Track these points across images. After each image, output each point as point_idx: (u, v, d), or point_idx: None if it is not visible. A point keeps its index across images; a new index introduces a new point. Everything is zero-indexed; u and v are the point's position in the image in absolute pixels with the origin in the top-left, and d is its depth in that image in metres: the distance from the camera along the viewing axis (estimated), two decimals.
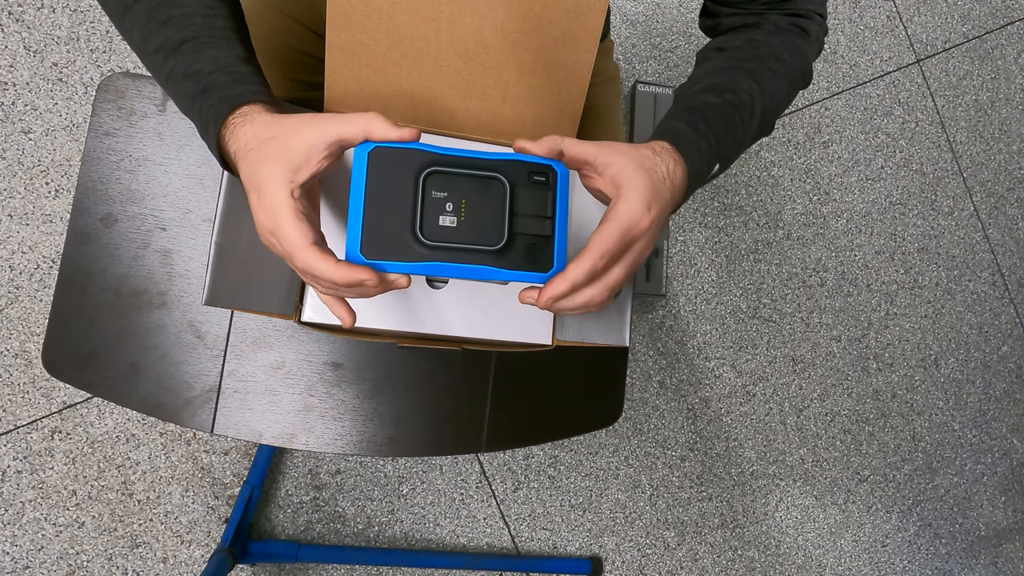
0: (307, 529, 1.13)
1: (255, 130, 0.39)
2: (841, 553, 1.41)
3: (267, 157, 0.38)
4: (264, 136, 0.39)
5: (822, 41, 0.56)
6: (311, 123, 0.38)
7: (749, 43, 0.51)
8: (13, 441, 1.05)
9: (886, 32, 1.55)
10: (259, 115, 0.40)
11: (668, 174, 0.42)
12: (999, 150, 1.61)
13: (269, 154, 0.38)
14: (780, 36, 0.52)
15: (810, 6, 0.53)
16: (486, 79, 0.52)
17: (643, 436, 1.32)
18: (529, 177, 0.38)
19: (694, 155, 0.45)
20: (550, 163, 0.38)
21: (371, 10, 0.48)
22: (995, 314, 1.57)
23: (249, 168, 0.39)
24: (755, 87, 0.49)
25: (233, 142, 0.40)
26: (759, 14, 0.53)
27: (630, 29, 1.40)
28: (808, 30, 0.53)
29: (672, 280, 1.37)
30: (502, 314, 0.52)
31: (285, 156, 0.38)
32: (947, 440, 1.51)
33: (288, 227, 0.37)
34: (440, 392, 0.58)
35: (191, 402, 0.54)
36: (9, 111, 1.10)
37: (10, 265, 1.07)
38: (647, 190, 0.39)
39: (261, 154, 0.38)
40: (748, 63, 0.50)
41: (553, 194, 0.38)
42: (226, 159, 0.43)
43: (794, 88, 0.53)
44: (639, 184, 0.39)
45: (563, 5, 0.49)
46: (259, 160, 0.38)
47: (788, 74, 0.52)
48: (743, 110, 0.48)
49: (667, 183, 0.42)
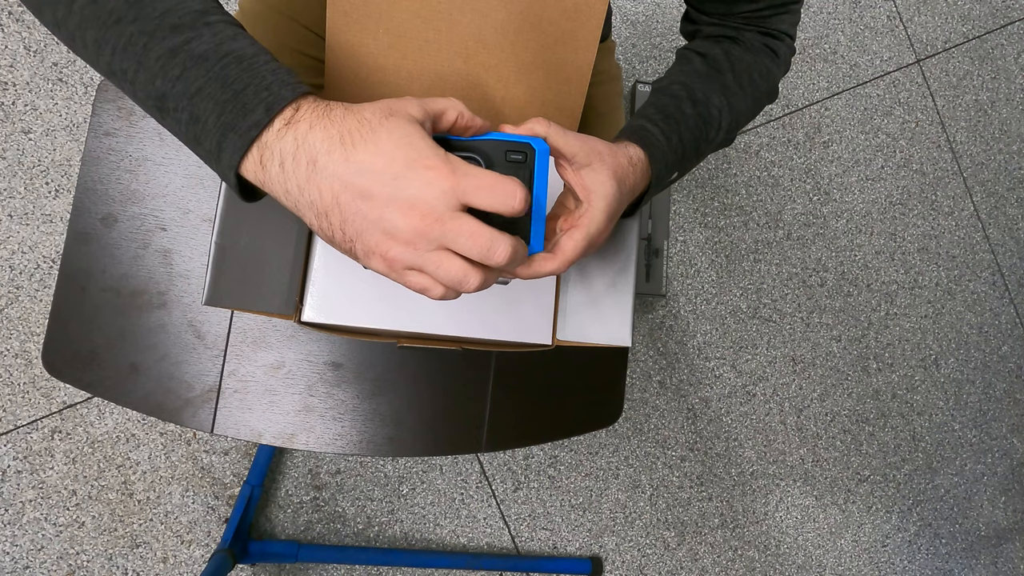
0: (307, 529, 1.13)
1: (343, 112, 0.33)
2: (841, 553, 1.41)
3: (381, 115, 0.33)
4: (359, 111, 0.33)
5: (789, 62, 0.58)
6: (402, 98, 0.35)
7: (727, 55, 0.53)
8: (13, 441, 1.05)
9: (886, 32, 1.55)
10: (334, 103, 0.34)
11: (632, 187, 0.44)
12: (999, 150, 1.61)
13: (381, 112, 0.33)
14: (754, 55, 0.54)
15: (783, 27, 0.56)
16: (486, 79, 0.52)
17: (643, 436, 1.32)
18: (506, 156, 0.37)
19: (661, 167, 0.46)
20: (529, 140, 0.38)
21: (371, 10, 0.48)
22: (995, 314, 1.57)
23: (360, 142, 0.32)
24: (725, 104, 0.51)
25: (299, 135, 0.32)
26: (736, 28, 0.55)
27: (630, 29, 1.40)
28: (778, 52, 0.55)
29: (672, 280, 1.37)
30: (502, 314, 0.52)
31: (401, 106, 0.34)
32: (947, 440, 1.51)
33: (462, 165, 0.32)
34: (440, 392, 0.58)
35: (191, 402, 0.54)
36: (9, 111, 1.10)
37: (10, 265, 1.07)
38: (614, 203, 0.41)
39: (368, 121, 0.32)
40: (724, 76, 0.52)
41: (530, 172, 0.37)
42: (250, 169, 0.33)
43: (759, 106, 0.56)
44: (609, 196, 0.40)
45: (563, 5, 0.49)
46: (371, 125, 0.32)
47: (755, 94, 0.54)
48: (711, 125, 0.50)
49: (628, 196, 0.44)
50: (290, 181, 0.32)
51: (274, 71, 0.33)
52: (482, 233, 0.32)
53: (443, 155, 0.32)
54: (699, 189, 1.41)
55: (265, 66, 0.33)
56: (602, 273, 0.54)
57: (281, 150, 0.32)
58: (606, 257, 0.54)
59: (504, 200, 0.32)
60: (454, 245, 0.32)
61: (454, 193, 0.31)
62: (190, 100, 0.33)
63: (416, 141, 0.32)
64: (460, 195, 0.31)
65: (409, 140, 0.32)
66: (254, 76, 0.33)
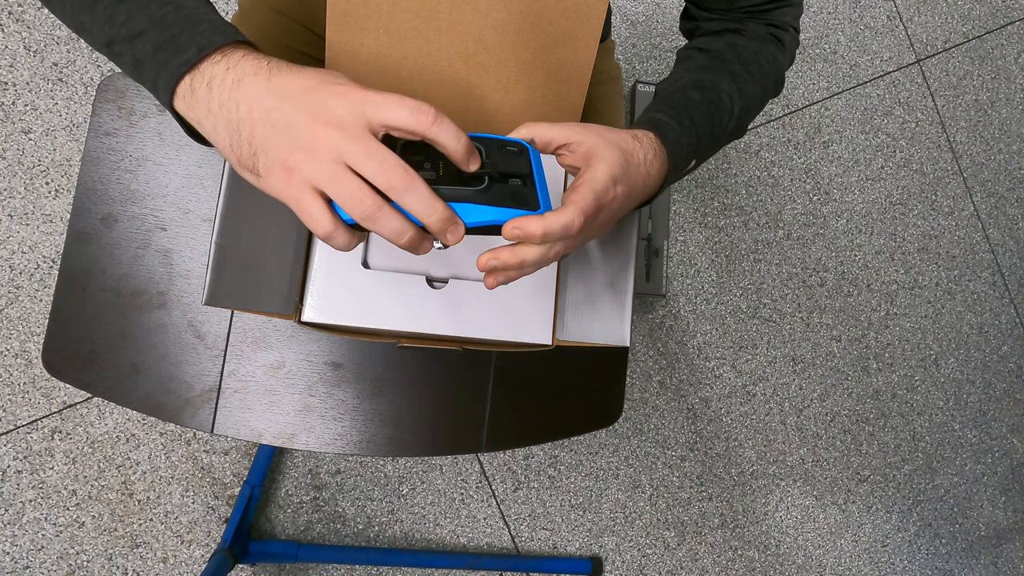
0: (307, 529, 1.13)
1: (279, 60, 0.35)
2: (841, 553, 1.41)
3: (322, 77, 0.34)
4: (294, 64, 0.35)
5: (794, 54, 0.57)
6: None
7: (731, 47, 0.53)
8: (13, 441, 1.05)
9: (886, 32, 1.55)
10: (270, 58, 0.35)
11: (644, 161, 0.42)
12: (999, 150, 1.61)
13: (323, 74, 0.34)
14: (759, 43, 0.53)
15: (786, 19, 0.55)
16: (486, 79, 0.52)
17: (643, 436, 1.32)
18: (502, 148, 0.38)
19: (676, 148, 0.45)
20: (520, 141, 0.39)
21: (371, 10, 0.48)
22: (995, 314, 1.57)
23: (286, 71, 0.34)
24: (735, 89, 0.50)
25: (231, 61, 0.34)
26: (738, 21, 0.54)
27: (630, 29, 1.40)
28: (784, 41, 0.55)
29: (672, 280, 1.37)
30: (502, 314, 0.52)
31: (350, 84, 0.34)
32: (947, 440, 1.51)
33: (375, 90, 0.33)
34: (440, 392, 0.58)
35: (191, 402, 0.54)
36: (9, 111, 1.10)
37: (10, 265, 1.07)
38: (617, 165, 0.39)
39: (302, 66, 0.34)
40: (730, 65, 0.51)
41: (528, 161, 0.38)
42: (181, 98, 0.35)
43: (767, 95, 0.55)
44: (609, 158, 0.39)
45: (563, 5, 0.49)
46: (304, 68, 0.34)
47: (764, 81, 0.53)
48: (723, 110, 0.49)
49: (641, 169, 0.42)
50: (214, 100, 0.34)
51: (211, 21, 0.36)
52: (377, 147, 0.32)
53: (360, 86, 0.33)
54: (699, 189, 1.41)
55: (204, 16, 0.36)
56: (601, 273, 0.54)
57: (212, 74, 0.34)
58: (605, 257, 0.54)
59: (411, 114, 0.32)
60: (356, 162, 0.32)
61: (361, 105, 0.32)
62: (131, 43, 0.35)
63: (339, 76, 0.34)
64: (368, 108, 0.32)
65: (334, 75, 0.34)
66: (190, 22, 0.35)
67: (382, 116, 0.32)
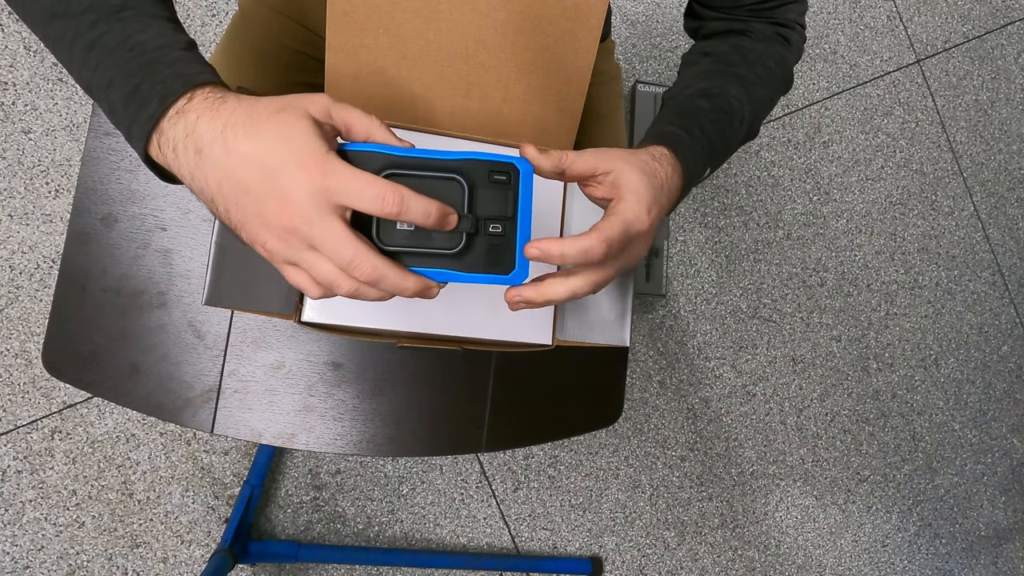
0: (307, 529, 1.13)
1: (235, 104, 0.33)
2: (841, 553, 1.41)
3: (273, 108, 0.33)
4: (253, 104, 0.33)
5: (801, 50, 0.57)
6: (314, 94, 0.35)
7: (736, 49, 0.52)
8: (13, 441, 1.05)
9: (886, 32, 1.55)
10: (231, 94, 0.34)
11: (666, 179, 0.43)
12: (999, 150, 1.61)
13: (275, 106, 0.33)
14: (765, 43, 0.53)
15: (792, 16, 0.55)
16: (486, 79, 0.52)
17: (643, 436, 1.32)
18: (489, 176, 0.37)
19: (690, 159, 0.45)
20: (512, 160, 0.37)
21: (371, 10, 0.48)
22: (995, 314, 1.57)
23: (242, 134, 0.32)
24: (743, 93, 0.50)
25: (188, 125, 0.33)
26: (743, 20, 0.54)
27: (630, 29, 1.40)
28: (790, 40, 0.54)
29: (672, 280, 1.37)
30: (502, 314, 0.52)
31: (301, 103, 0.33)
32: (947, 440, 1.51)
33: (337, 166, 0.31)
34: (440, 392, 0.58)
35: (191, 402, 0.54)
36: (9, 111, 1.10)
37: (10, 265, 1.07)
38: (647, 194, 0.39)
39: (257, 114, 0.32)
40: (737, 68, 0.51)
41: (515, 193, 0.37)
42: (155, 155, 0.34)
43: (777, 94, 0.54)
44: (640, 188, 0.39)
45: (563, 5, 0.49)
46: (259, 118, 0.32)
47: (772, 81, 0.53)
48: (733, 116, 0.49)
49: (664, 188, 0.42)
50: (183, 167, 0.33)
51: (171, 63, 0.34)
52: (345, 245, 0.32)
53: (321, 154, 0.32)
54: (699, 189, 1.41)
55: (165, 58, 0.34)
56: None
57: (174, 137, 0.33)
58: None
59: (372, 202, 0.32)
60: (321, 249, 0.32)
61: (323, 194, 0.31)
62: (104, 91, 0.35)
63: (296, 138, 0.32)
64: (330, 196, 0.31)
65: (290, 135, 0.32)
66: (151, 70, 0.34)
67: (346, 202, 0.32)
